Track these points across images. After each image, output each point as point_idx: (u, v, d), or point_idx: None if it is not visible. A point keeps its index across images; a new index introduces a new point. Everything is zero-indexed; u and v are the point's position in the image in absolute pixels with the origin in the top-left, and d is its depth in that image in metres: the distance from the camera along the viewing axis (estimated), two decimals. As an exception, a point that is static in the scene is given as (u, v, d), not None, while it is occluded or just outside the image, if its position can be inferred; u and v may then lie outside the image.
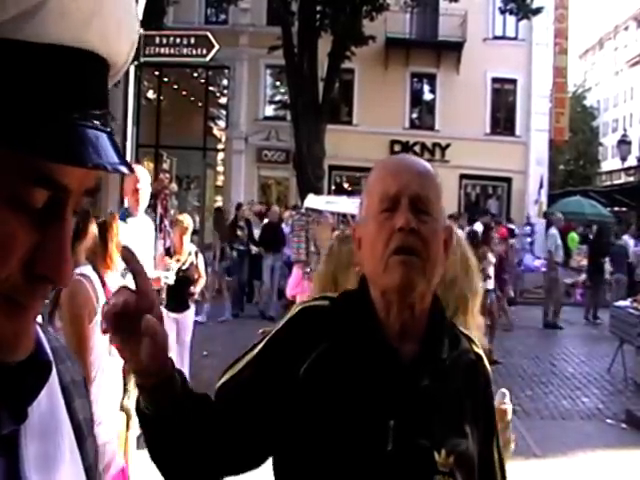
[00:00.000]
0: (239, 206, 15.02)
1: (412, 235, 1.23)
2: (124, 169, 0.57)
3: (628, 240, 16.35)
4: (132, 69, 7.87)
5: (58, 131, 0.53)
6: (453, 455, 1.22)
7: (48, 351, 0.67)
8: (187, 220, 6.99)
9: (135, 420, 4.93)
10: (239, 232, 13.29)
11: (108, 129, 0.58)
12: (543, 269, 15.12)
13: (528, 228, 20.06)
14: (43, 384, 0.65)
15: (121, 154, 0.58)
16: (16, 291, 0.56)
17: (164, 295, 6.12)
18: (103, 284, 3.32)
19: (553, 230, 14.03)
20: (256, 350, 1.33)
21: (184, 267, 6.63)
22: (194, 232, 9.06)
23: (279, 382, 1.24)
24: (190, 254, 6.74)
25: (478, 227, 14.13)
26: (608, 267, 15.04)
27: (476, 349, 1.39)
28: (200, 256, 6.98)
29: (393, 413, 1.21)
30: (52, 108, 0.53)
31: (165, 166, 25.55)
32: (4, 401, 0.61)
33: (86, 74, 0.57)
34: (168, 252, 6.71)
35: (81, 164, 0.54)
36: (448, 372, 1.28)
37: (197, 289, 6.88)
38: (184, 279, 6.57)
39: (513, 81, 24.73)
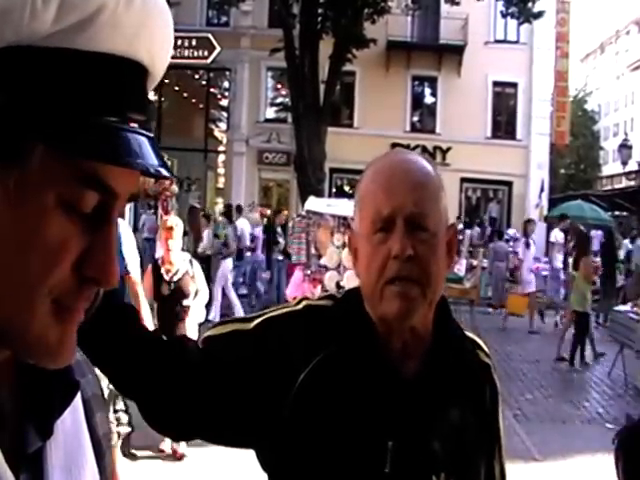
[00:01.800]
0: (278, 211, 13.57)
1: (409, 262, 1.15)
2: (164, 171, 0.60)
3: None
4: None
5: (106, 134, 0.56)
6: (452, 478, 1.19)
7: (74, 367, 0.69)
8: (173, 220, 5.79)
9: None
10: (279, 239, 12.40)
11: (150, 134, 0.61)
12: (544, 273, 15.09)
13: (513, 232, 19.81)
14: (70, 402, 0.66)
15: (162, 158, 0.61)
16: (65, 294, 0.58)
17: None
18: None
19: None
20: (254, 323, 1.26)
21: (176, 278, 5.58)
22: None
23: (275, 376, 1.19)
24: (184, 261, 5.70)
25: (558, 234, 13.93)
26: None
27: (484, 358, 1.33)
28: (196, 264, 5.86)
29: (392, 434, 1.16)
30: (99, 113, 0.56)
31: (166, 168, 25.58)
32: (32, 418, 0.63)
33: (131, 82, 0.60)
34: (156, 266, 5.68)
35: (127, 165, 0.57)
36: (451, 389, 1.23)
37: (192, 301, 5.65)
38: (176, 293, 5.56)
39: (514, 85, 24.76)
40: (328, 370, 1.19)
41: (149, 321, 4.86)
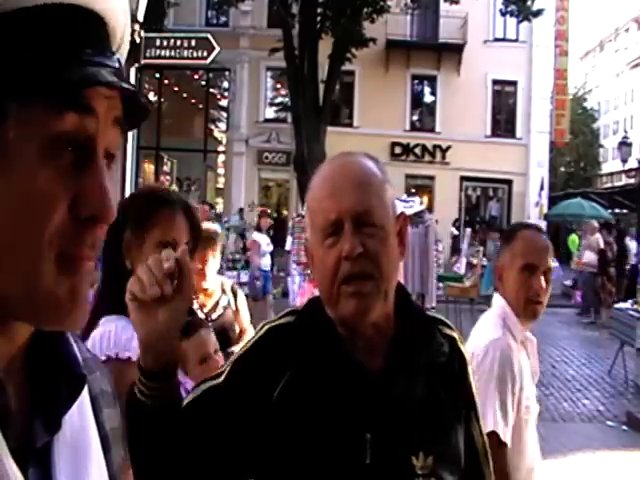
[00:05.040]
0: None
1: (360, 259, 1.21)
2: (126, 85, 0.63)
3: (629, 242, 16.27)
4: (133, 71, 7.87)
5: (82, 66, 0.60)
6: (432, 455, 1.21)
7: (81, 363, 0.70)
8: (216, 229, 4.27)
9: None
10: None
11: (116, 65, 0.65)
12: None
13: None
14: (77, 396, 0.67)
15: (129, 81, 0.65)
16: (67, 242, 0.59)
17: None
18: None
19: None
20: (224, 375, 1.29)
21: (215, 315, 3.92)
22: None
23: (251, 408, 1.22)
24: (224, 292, 4.01)
25: None
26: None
27: (448, 331, 1.37)
28: (241, 295, 4.19)
29: (369, 427, 1.20)
30: (70, 48, 0.60)
31: (166, 168, 25.59)
32: (39, 413, 0.63)
33: (88, 22, 0.64)
34: None
35: (110, 84, 0.61)
36: (420, 372, 1.27)
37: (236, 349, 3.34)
38: (215, 336, 3.58)
39: (514, 83, 24.76)
40: (299, 382, 1.22)
41: None
